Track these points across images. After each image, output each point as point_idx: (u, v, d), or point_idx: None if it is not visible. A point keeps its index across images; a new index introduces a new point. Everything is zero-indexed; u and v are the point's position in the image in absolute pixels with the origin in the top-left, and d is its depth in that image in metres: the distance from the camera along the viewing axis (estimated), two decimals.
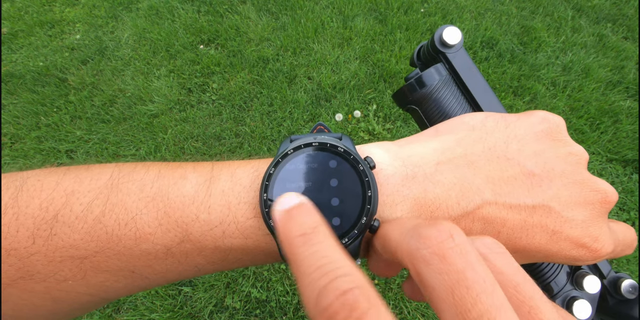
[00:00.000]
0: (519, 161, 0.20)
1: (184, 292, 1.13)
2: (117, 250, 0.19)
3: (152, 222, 0.19)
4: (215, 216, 0.19)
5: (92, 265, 0.19)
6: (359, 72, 1.65)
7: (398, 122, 1.50)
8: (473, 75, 0.26)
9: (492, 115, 0.22)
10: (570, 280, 0.25)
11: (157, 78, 1.68)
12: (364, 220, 0.19)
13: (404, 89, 0.27)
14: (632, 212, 1.28)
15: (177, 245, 0.19)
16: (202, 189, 0.20)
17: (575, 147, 0.21)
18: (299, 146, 0.20)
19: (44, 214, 0.18)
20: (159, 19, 1.92)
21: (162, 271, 0.20)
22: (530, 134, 0.21)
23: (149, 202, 0.19)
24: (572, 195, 0.20)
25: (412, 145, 0.22)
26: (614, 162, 1.41)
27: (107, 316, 1.08)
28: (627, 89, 1.64)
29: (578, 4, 2.01)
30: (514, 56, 1.73)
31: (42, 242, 0.18)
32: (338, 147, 0.20)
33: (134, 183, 0.20)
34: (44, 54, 1.82)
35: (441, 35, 0.26)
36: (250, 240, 0.20)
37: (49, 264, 0.18)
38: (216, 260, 0.20)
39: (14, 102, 1.62)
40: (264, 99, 1.58)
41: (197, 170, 0.21)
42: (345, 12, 1.89)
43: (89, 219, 0.18)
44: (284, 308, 1.09)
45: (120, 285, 0.20)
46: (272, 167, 0.20)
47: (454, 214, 0.19)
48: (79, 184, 0.19)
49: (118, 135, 1.51)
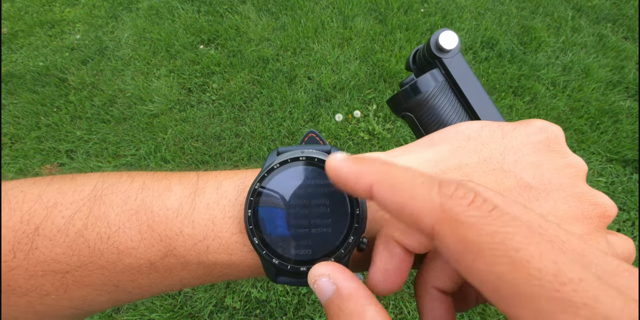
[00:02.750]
0: (515, 173, 0.19)
1: (184, 292, 1.13)
2: (100, 264, 0.18)
3: (135, 236, 0.18)
4: (199, 231, 0.19)
5: (75, 280, 0.18)
6: (359, 72, 1.65)
7: (398, 122, 1.50)
8: (470, 81, 0.25)
9: (489, 124, 0.22)
10: None
11: (157, 78, 1.68)
12: (351, 239, 0.18)
13: (398, 95, 0.27)
14: (632, 212, 1.28)
15: (160, 259, 0.19)
16: (187, 202, 0.19)
17: (574, 158, 0.20)
18: (285, 160, 0.20)
19: (25, 227, 0.18)
20: (159, 19, 1.92)
21: (147, 285, 0.20)
22: (528, 144, 0.20)
23: (132, 215, 0.19)
24: (569, 209, 0.19)
25: (405, 156, 0.21)
26: (614, 162, 1.41)
27: (107, 316, 1.08)
28: (627, 89, 1.64)
29: (578, 4, 2.01)
30: (514, 56, 1.73)
31: (23, 256, 0.18)
32: None
33: (117, 195, 0.19)
34: (44, 54, 1.82)
35: (437, 39, 0.25)
36: (235, 256, 0.19)
37: (31, 278, 0.18)
38: (200, 275, 0.20)
39: (14, 102, 1.62)
40: (264, 99, 1.58)
41: (183, 182, 0.20)
42: (345, 12, 1.89)
43: (70, 233, 0.18)
44: (284, 308, 1.10)
45: (104, 299, 0.20)
46: (257, 182, 0.19)
47: None
48: (62, 195, 0.19)
49: (118, 135, 1.51)
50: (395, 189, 0.14)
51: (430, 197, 0.13)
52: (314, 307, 1.10)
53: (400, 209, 0.13)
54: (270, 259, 0.18)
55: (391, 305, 1.09)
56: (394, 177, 0.14)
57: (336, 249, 0.18)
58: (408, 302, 1.10)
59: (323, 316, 1.08)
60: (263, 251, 0.18)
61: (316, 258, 0.18)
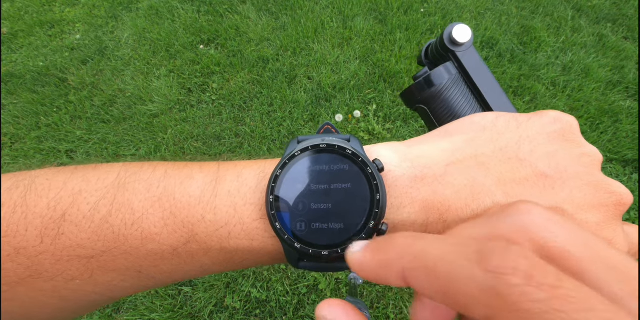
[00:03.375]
0: (531, 162, 0.20)
1: (184, 292, 1.13)
2: (124, 250, 0.19)
3: (158, 222, 0.19)
4: (221, 217, 0.19)
5: (99, 265, 0.19)
6: (359, 72, 1.65)
7: (398, 122, 1.50)
8: (483, 74, 0.26)
9: (503, 115, 0.22)
10: None
11: (157, 78, 1.68)
12: (372, 224, 0.19)
13: (412, 88, 0.27)
14: (632, 212, 1.28)
15: (183, 245, 0.19)
16: (209, 189, 0.20)
17: (589, 147, 0.20)
18: (306, 148, 0.20)
19: (52, 214, 0.18)
20: (159, 19, 1.92)
21: (169, 271, 0.20)
22: (543, 134, 0.20)
23: (155, 202, 0.19)
24: (585, 197, 0.19)
25: (421, 146, 0.21)
26: (614, 162, 1.41)
27: (107, 316, 1.08)
28: (627, 89, 1.64)
29: (578, 4, 2.01)
30: (514, 56, 1.73)
31: (50, 242, 0.18)
32: (346, 149, 0.20)
33: (140, 183, 0.20)
34: (44, 54, 1.82)
35: (451, 33, 0.25)
36: (257, 242, 0.20)
37: (57, 263, 0.18)
38: (222, 261, 0.20)
39: (14, 102, 1.62)
40: (264, 99, 1.58)
41: (204, 171, 0.21)
42: (345, 12, 1.89)
43: (96, 219, 0.18)
44: (284, 308, 1.10)
45: (127, 284, 0.20)
46: (279, 169, 0.20)
47: (464, 216, 0.19)
48: (87, 183, 0.19)
49: (118, 135, 1.51)
50: (431, 272, 0.12)
51: (474, 278, 0.10)
52: (314, 307, 1.10)
53: (444, 296, 0.11)
54: (292, 243, 0.19)
55: (391, 305, 1.09)
56: (426, 258, 0.12)
57: (357, 233, 0.19)
58: (408, 302, 1.10)
59: None
60: (285, 236, 0.19)
61: (337, 243, 0.19)
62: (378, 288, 1.13)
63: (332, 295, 1.11)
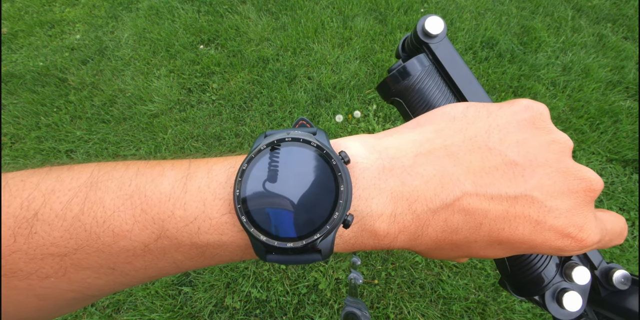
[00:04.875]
0: (500, 151, 0.20)
1: (184, 292, 1.13)
2: (96, 247, 0.19)
3: (129, 219, 0.19)
4: (190, 212, 0.19)
5: (73, 262, 0.19)
6: (359, 72, 1.65)
7: (398, 122, 1.50)
8: (457, 65, 0.26)
9: (474, 104, 0.22)
10: (559, 272, 0.24)
11: (157, 78, 1.68)
12: (336, 215, 0.19)
13: (386, 80, 0.27)
14: (632, 212, 1.28)
15: (154, 241, 0.19)
16: (179, 186, 0.20)
17: (559, 134, 0.21)
18: (272, 142, 0.20)
19: (24, 213, 0.19)
20: (159, 19, 1.92)
21: (142, 268, 0.20)
22: (513, 122, 0.21)
23: (126, 199, 0.19)
24: (555, 184, 0.19)
25: (391, 138, 0.21)
26: (614, 162, 1.41)
27: (107, 316, 1.08)
28: (627, 89, 1.64)
29: (578, 4, 2.01)
30: (514, 56, 1.73)
31: (23, 240, 0.18)
32: (311, 142, 0.20)
33: (112, 181, 0.20)
34: (44, 54, 1.82)
35: (423, 25, 0.25)
36: (226, 236, 0.20)
37: (31, 262, 0.18)
38: (194, 256, 0.20)
39: (14, 102, 1.62)
40: (264, 99, 1.58)
41: (175, 168, 0.21)
42: (345, 12, 1.89)
43: (68, 217, 0.19)
44: (284, 308, 1.10)
45: (102, 282, 0.20)
46: (246, 163, 0.20)
47: (433, 206, 0.19)
48: (60, 183, 0.20)
49: (118, 135, 1.51)
50: None
51: None
52: (314, 307, 1.10)
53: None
54: (258, 236, 0.19)
55: (391, 305, 1.09)
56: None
57: (321, 226, 0.19)
58: (408, 302, 1.10)
59: (323, 316, 1.08)
60: (251, 229, 0.19)
61: (302, 235, 0.19)
62: (378, 288, 1.13)
63: (332, 296, 1.11)
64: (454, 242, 0.20)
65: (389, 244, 0.20)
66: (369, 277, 1.15)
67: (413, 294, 1.12)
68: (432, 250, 0.22)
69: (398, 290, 1.12)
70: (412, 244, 0.21)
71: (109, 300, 1.11)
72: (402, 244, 0.21)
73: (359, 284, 0.55)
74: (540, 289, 0.24)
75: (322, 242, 0.19)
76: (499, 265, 0.27)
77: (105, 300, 1.11)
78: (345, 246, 0.21)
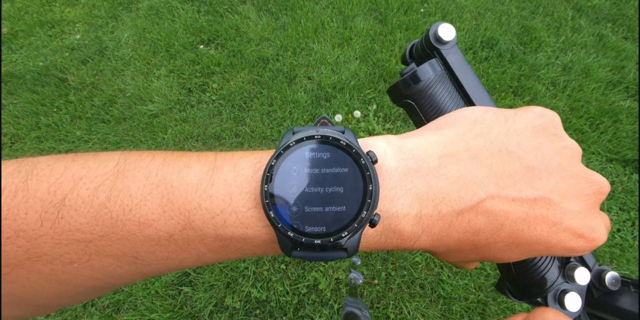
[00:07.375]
0: (519, 155, 0.21)
1: (184, 292, 1.13)
2: (121, 235, 0.19)
3: (155, 208, 0.19)
4: (216, 205, 0.19)
5: (97, 249, 0.19)
6: (359, 72, 1.65)
7: (398, 122, 1.50)
8: (466, 71, 0.27)
9: (491, 109, 0.23)
10: (561, 274, 0.25)
11: (157, 78, 1.68)
12: (364, 214, 0.19)
13: (399, 84, 0.28)
14: (632, 212, 1.28)
15: (179, 232, 0.19)
16: (205, 178, 0.20)
17: (570, 141, 0.22)
18: (301, 138, 0.20)
19: (52, 198, 0.19)
20: (159, 19, 1.92)
21: (164, 258, 0.20)
22: (529, 128, 0.22)
23: (153, 189, 0.19)
24: (569, 187, 0.20)
25: (415, 139, 0.22)
26: (614, 162, 1.41)
27: (107, 316, 1.08)
28: (627, 89, 1.64)
29: (578, 4, 2.01)
30: (514, 56, 1.73)
31: (50, 225, 0.18)
32: (340, 141, 0.20)
33: (139, 170, 0.20)
34: (44, 54, 1.82)
35: (436, 31, 0.26)
36: (251, 230, 0.20)
37: (56, 246, 0.19)
38: (217, 249, 0.21)
39: (14, 102, 1.62)
40: (264, 99, 1.58)
41: (201, 160, 0.21)
42: (345, 12, 1.89)
43: (95, 204, 0.19)
44: (284, 308, 1.10)
45: (123, 270, 0.20)
46: (274, 159, 0.20)
47: (458, 208, 0.20)
48: (87, 169, 0.20)
49: (118, 135, 1.51)
50: None
51: None
52: (314, 307, 1.10)
53: None
54: (285, 232, 0.19)
55: (391, 305, 1.09)
56: None
57: (349, 224, 0.19)
58: (408, 302, 1.10)
59: (323, 316, 1.08)
60: (279, 224, 0.19)
61: (329, 232, 0.19)
62: (378, 288, 1.13)
63: (332, 296, 1.11)
64: (474, 243, 0.21)
65: (412, 244, 0.21)
66: (369, 277, 1.15)
67: (413, 294, 1.12)
68: (453, 251, 0.22)
69: (398, 290, 1.12)
70: (434, 244, 0.21)
71: (109, 300, 1.11)
72: (423, 245, 0.21)
73: (359, 284, 0.56)
74: (544, 291, 0.24)
75: (349, 240, 0.20)
76: (503, 269, 0.27)
77: (105, 300, 1.11)
78: (368, 245, 0.21)
